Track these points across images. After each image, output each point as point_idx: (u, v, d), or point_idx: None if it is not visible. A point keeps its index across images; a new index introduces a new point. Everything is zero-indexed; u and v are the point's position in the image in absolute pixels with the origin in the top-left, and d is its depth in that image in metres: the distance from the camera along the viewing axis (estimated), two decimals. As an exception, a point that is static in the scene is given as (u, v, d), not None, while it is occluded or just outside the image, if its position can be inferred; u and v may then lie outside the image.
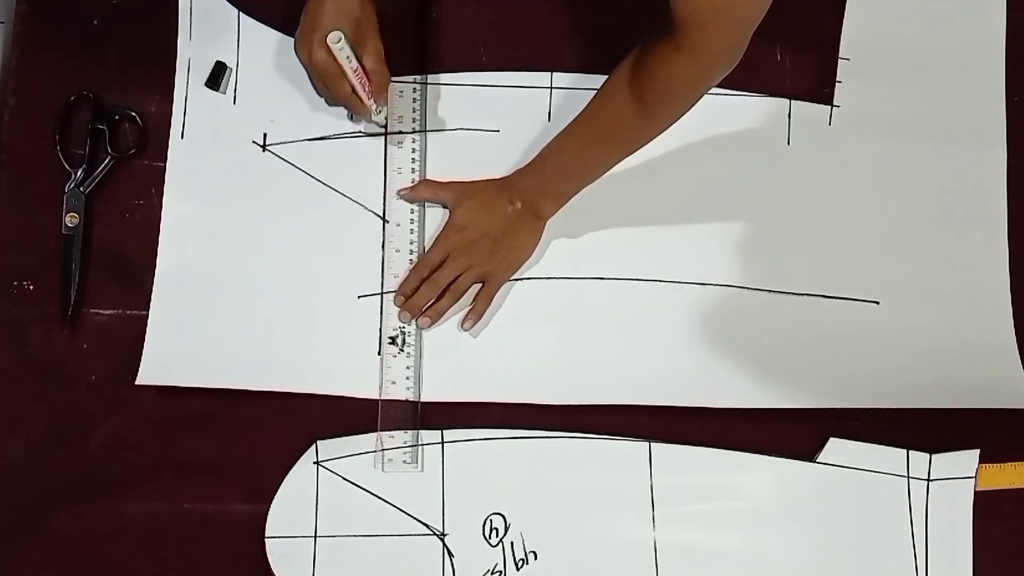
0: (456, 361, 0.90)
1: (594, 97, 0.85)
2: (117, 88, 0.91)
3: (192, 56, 0.92)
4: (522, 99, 0.95)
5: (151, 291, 0.88)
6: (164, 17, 0.92)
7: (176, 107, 0.91)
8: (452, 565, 0.87)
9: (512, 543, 0.88)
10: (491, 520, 0.88)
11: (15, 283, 0.88)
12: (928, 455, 0.91)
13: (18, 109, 0.91)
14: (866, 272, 0.94)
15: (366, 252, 0.91)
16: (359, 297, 0.90)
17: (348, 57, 0.85)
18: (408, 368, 0.89)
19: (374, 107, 0.90)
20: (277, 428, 0.88)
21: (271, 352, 0.88)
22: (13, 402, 0.87)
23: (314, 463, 0.87)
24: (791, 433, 0.91)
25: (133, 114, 0.91)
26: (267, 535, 0.86)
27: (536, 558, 0.88)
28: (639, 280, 0.92)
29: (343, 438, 0.88)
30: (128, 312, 0.88)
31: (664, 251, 0.93)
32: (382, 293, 0.90)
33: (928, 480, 0.91)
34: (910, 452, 0.91)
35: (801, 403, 0.91)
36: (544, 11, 0.96)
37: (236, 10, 0.93)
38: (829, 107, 0.96)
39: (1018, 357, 0.94)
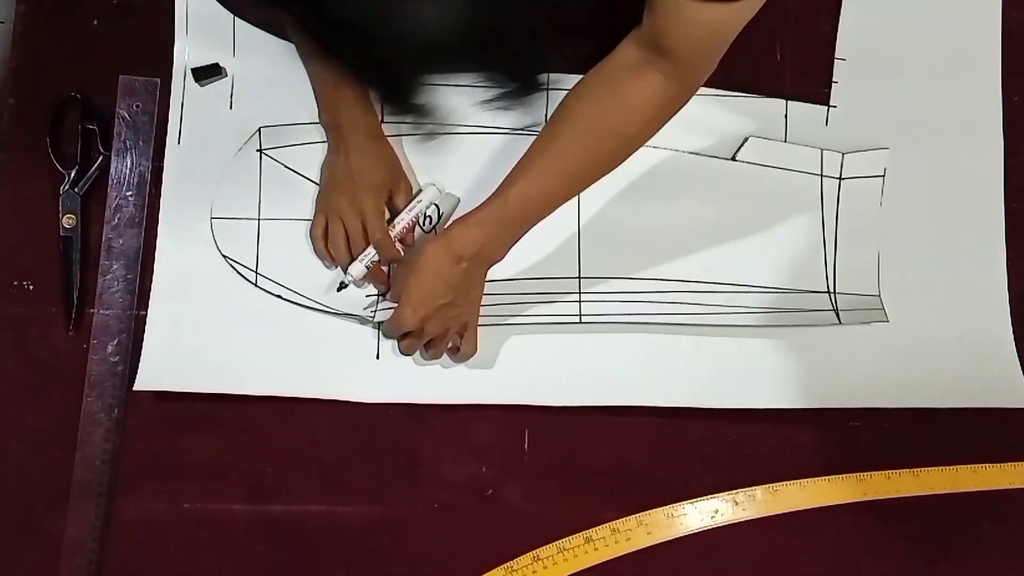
0: None
1: (553, 130, 0.81)
2: (115, 88, 0.91)
3: (189, 62, 0.92)
4: None
5: (149, 291, 0.88)
6: (163, 18, 0.92)
7: (172, 112, 0.92)
8: None
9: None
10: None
11: (15, 283, 0.88)
12: (841, 154, 0.94)
13: (18, 109, 0.91)
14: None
15: None
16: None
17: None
18: None
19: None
20: (277, 428, 0.88)
21: (269, 357, 0.88)
22: (13, 402, 0.87)
23: (257, 150, 0.90)
24: (792, 437, 0.91)
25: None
26: (212, 216, 0.89)
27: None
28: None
29: (286, 126, 0.92)
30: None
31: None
32: (378, 295, 0.90)
33: (840, 179, 0.94)
34: (824, 151, 0.94)
35: (801, 403, 0.91)
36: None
37: (233, 16, 0.93)
38: (826, 108, 0.97)
39: (1016, 356, 0.95)
